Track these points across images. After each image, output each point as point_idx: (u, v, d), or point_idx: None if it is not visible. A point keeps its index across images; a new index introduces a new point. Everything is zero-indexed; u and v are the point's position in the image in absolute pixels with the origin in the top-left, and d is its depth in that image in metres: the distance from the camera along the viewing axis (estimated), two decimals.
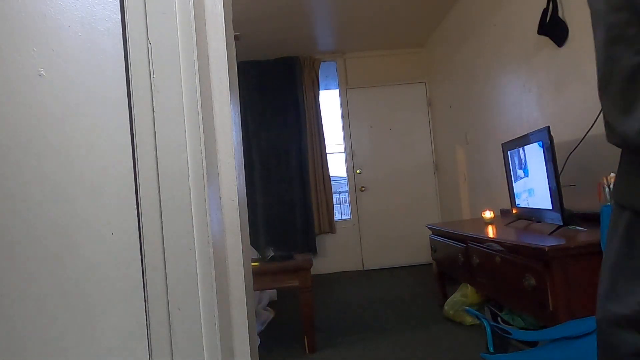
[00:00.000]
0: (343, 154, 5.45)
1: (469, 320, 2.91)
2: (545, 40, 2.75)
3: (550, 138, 2.09)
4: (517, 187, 2.70)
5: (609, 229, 0.68)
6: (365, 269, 5.28)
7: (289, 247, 4.36)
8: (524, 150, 2.48)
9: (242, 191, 0.97)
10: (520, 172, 2.62)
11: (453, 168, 4.78)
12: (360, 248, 5.33)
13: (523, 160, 2.53)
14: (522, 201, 2.63)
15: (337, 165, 5.59)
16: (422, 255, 5.07)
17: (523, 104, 3.16)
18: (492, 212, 3.13)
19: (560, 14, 2.60)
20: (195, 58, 0.77)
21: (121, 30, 0.77)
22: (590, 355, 1.54)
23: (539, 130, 2.23)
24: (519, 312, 2.43)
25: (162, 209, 0.75)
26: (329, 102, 5.55)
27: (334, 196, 5.52)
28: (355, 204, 5.35)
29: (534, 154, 2.32)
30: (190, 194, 0.75)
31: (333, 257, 5.29)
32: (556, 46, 2.66)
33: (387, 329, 3.00)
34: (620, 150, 0.68)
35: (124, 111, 0.76)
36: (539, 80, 2.92)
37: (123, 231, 0.75)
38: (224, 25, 0.85)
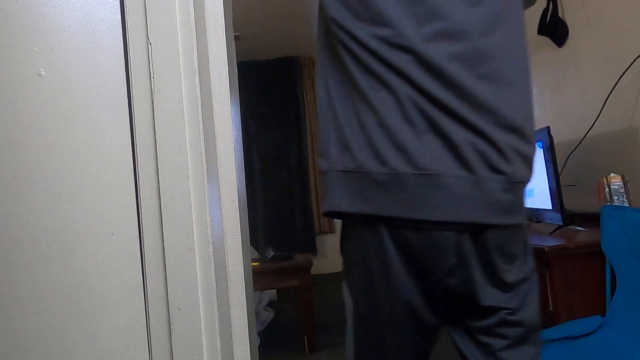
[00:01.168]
0: None
1: None
2: (545, 40, 2.75)
3: (550, 138, 2.08)
4: None
5: None
6: None
7: (289, 247, 4.35)
8: None
9: (242, 191, 0.97)
10: None
11: None
12: None
13: None
14: None
15: None
16: None
17: None
18: None
19: (560, 14, 2.60)
20: (195, 58, 0.77)
21: (121, 30, 0.77)
22: (591, 355, 1.54)
23: (538, 130, 2.23)
24: None
25: (162, 209, 0.75)
26: None
27: None
28: None
29: None
30: (190, 194, 0.75)
31: (333, 257, 5.28)
32: (556, 46, 2.66)
33: None
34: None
35: (124, 111, 0.76)
36: (538, 80, 2.92)
37: (123, 231, 0.75)
38: (224, 25, 0.85)
